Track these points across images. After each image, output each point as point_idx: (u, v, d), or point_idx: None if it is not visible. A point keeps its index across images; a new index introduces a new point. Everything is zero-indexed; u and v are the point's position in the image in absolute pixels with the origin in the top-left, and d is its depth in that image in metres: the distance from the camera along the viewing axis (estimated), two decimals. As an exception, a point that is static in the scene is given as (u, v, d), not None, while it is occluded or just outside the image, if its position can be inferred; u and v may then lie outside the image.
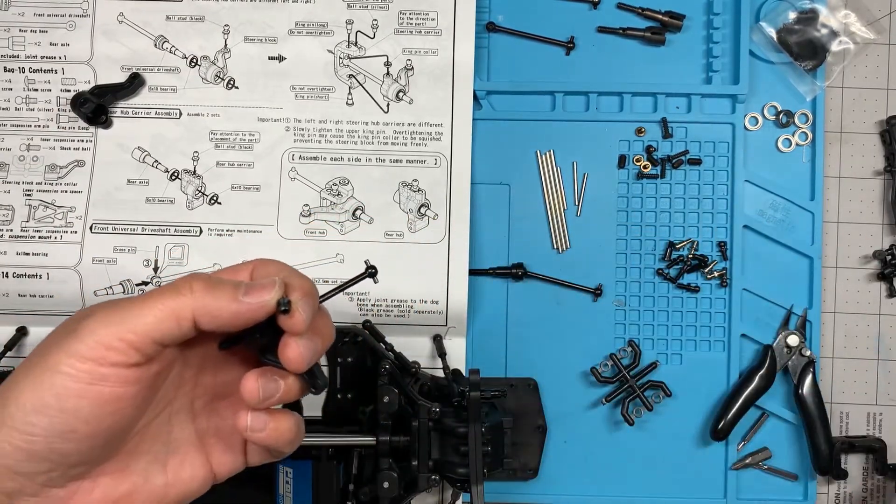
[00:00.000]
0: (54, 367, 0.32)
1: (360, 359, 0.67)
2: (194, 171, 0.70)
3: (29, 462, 0.32)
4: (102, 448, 0.34)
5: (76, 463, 0.33)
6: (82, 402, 0.32)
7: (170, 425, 0.37)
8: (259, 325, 0.35)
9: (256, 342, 0.35)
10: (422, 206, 0.69)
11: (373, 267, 0.41)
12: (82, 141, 0.70)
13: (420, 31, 0.71)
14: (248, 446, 0.39)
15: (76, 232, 0.69)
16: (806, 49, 0.71)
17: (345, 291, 0.38)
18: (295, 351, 0.34)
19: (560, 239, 0.72)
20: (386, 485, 0.59)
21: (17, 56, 0.71)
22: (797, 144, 0.72)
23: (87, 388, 0.32)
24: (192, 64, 0.71)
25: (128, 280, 0.69)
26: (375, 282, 0.68)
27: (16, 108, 0.70)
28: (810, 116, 0.72)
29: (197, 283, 0.33)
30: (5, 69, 0.71)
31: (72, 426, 0.32)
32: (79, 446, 0.32)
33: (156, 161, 0.70)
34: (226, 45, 0.71)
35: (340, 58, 0.71)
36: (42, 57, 0.71)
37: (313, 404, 0.68)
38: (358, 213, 0.69)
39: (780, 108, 0.72)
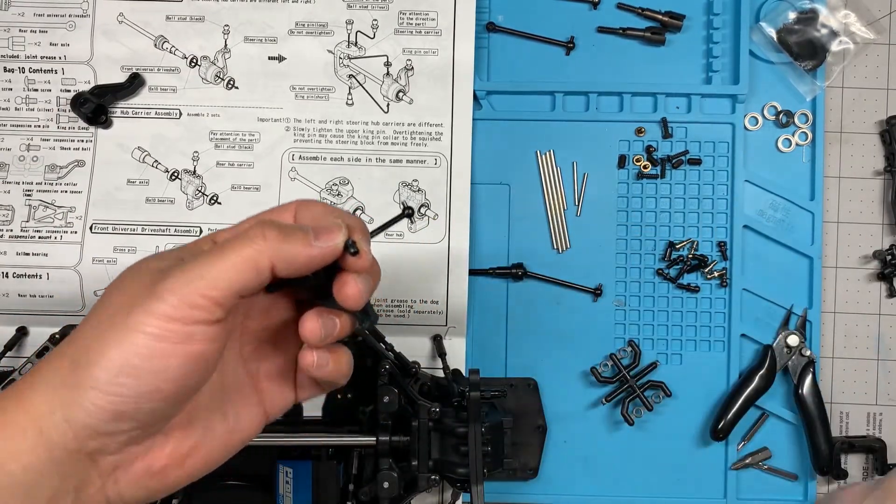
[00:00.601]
0: (138, 327, 0.31)
1: (360, 359, 0.67)
2: (194, 172, 0.70)
3: (114, 422, 0.32)
4: (181, 404, 0.34)
5: (157, 420, 0.33)
6: (170, 362, 0.31)
7: (224, 374, 0.37)
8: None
9: (308, 284, 0.36)
10: (422, 206, 0.69)
11: (409, 208, 0.41)
12: (82, 141, 0.70)
13: (420, 31, 0.71)
14: (298, 383, 0.40)
15: (76, 232, 0.69)
16: (806, 49, 0.71)
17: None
18: (354, 289, 0.35)
19: (560, 239, 0.72)
20: (386, 485, 0.59)
21: (17, 56, 0.71)
22: (797, 144, 0.72)
23: (175, 347, 0.31)
24: (192, 64, 0.71)
25: (128, 280, 0.69)
26: (412, 222, 0.68)
27: (16, 108, 0.70)
28: (810, 116, 0.72)
29: (269, 229, 0.33)
30: (5, 69, 0.71)
31: (158, 386, 0.32)
32: (163, 405, 0.33)
33: (156, 161, 0.70)
34: (226, 45, 0.71)
35: (340, 58, 0.71)
36: (42, 57, 0.71)
37: (313, 404, 0.68)
38: (358, 213, 0.69)
39: (780, 108, 0.72)
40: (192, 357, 0.32)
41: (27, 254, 0.69)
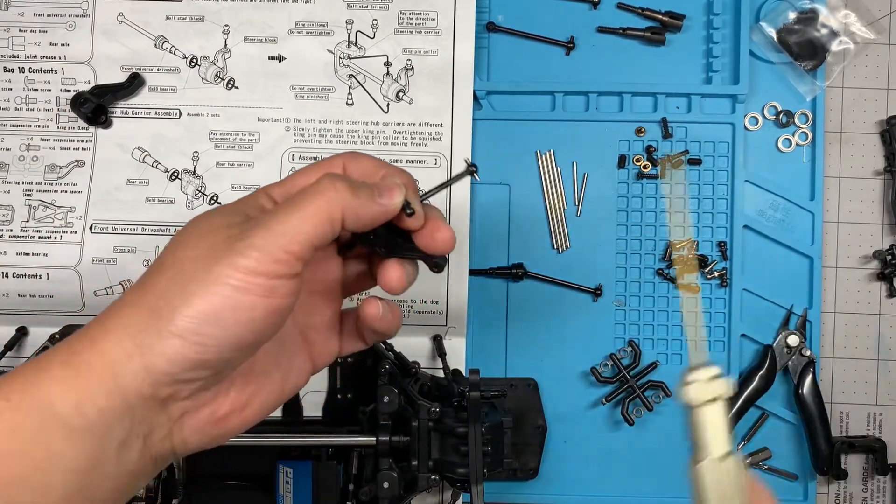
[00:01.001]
0: (223, 279, 0.32)
1: (360, 359, 0.67)
2: (194, 171, 0.70)
3: (193, 370, 0.32)
4: (253, 354, 0.35)
5: (230, 369, 0.34)
6: (255, 314, 0.32)
7: None
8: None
9: (375, 240, 0.37)
10: (422, 206, 0.69)
11: (473, 164, 0.42)
12: (82, 141, 0.70)
13: (420, 31, 0.71)
14: (343, 336, 0.42)
15: (76, 232, 0.69)
16: (806, 49, 0.71)
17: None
18: (447, 232, 0.38)
19: (560, 239, 0.72)
20: (386, 485, 0.59)
21: (17, 56, 0.71)
22: (797, 144, 0.72)
23: (258, 300, 0.32)
24: (192, 64, 0.71)
25: (128, 280, 0.69)
26: (475, 179, 0.68)
27: (16, 108, 0.70)
28: (810, 116, 0.72)
29: (340, 182, 0.34)
30: (5, 69, 0.71)
31: (242, 337, 0.33)
32: (240, 354, 0.34)
33: (156, 161, 0.70)
34: (226, 45, 0.71)
35: (340, 58, 0.71)
36: (42, 57, 0.71)
37: (313, 404, 0.68)
38: (358, 213, 0.69)
39: (780, 108, 0.72)
40: (273, 309, 0.33)
41: (27, 254, 0.69)
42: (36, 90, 0.71)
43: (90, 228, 0.69)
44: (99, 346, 0.32)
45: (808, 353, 0.70)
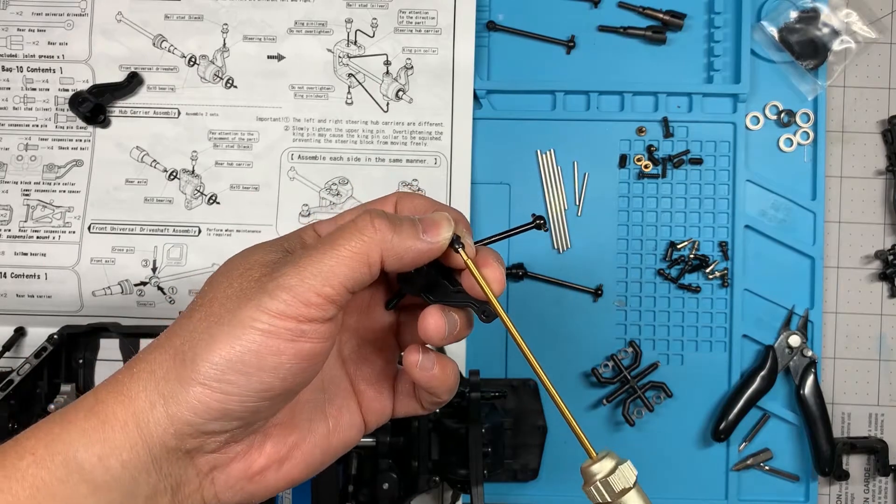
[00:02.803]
0: (249, 323, 0.30)
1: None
2: (193, 171, 0.70)
3: (218, 420, 0.30)
4: (286, 403, 0.33)
5: (260, 419, 0.32)
6: (282, 360, 0.30)
7: (325, 373, 0.36)
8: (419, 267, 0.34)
9: (420, 282, 0.35)
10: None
11: (541, 217, 0.39)
12: (80, 140, 0.70)
13: (420, 30, 0.70)
14: (397, 394, 0.38)
15: (74, 232, 0.69)
16: (807, 48, 0.71)
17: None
18: (498, 272, 0.34)
19: (560, 239, 0.72)
20: (386, 486, 0.58)
21: (16, 55, 0.70)
22: (798, 144, 0.72)
23: (286, 345, 0.30)
24: (191, 63, 0.70)
25: (126, 280, 0.69)
26: (545, 230, 0.67)
27: (14, 108, 0.70)
28: (812, 116, 0.72)
29: (379, 219, 0.32)
30: (3, 68, 0.70)
31: (269, 384, 0.30)
32: (269, 403, 0.31)
33: (154, 161, 0.70)
34: (224, 44, 0.70)
35: (340, 57, 0.70)
36: (40, 56, 0.70)
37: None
38: (357, 212, 0.69)
39: (781, 108, 0.72)
40: (303, 355, 0.31)
41: (25, 254, 0.69)
42: (34, 89, 0.70)
43: (88, 228, 0.69)
44: (124, 394, 0.30)
45: (810, 353, 0.70)
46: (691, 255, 0.71)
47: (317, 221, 0.35)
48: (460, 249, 0.33)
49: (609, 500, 0.32)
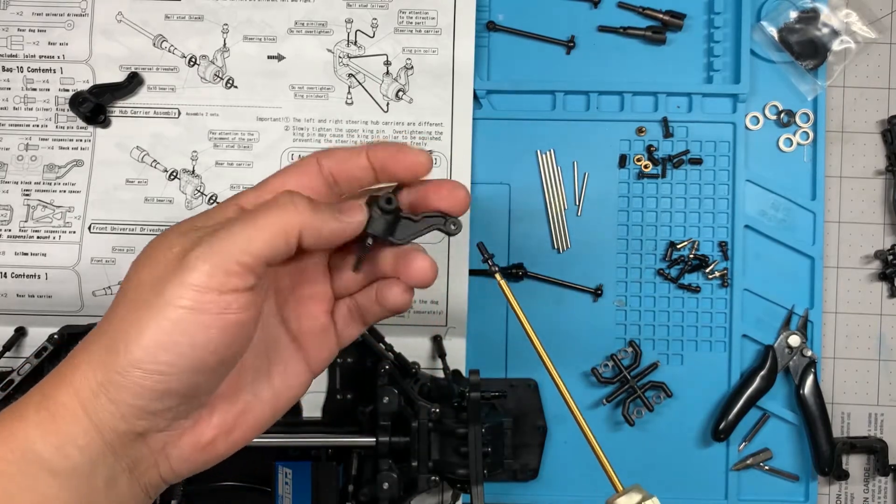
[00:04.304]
0: (174, 301, 0.30)
1: (360, 359, 0.66)
2: (193, 171, 0.70)
3: (161, 400, 0.31)
4: (224, 375, 0.34)
5: (201, 393, 0.33)
6: (211, 333, 0.31)
7: (265, 337, 0.37)
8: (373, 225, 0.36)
9: (382, 229, 0.36)
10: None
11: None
12: (81, 140, 0.70)
13: (420, 30, 0.70)
14: (338, 329, 0.40)
15: (75, 232, 0.69)
16: (807, 48, 0.71)
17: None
18: (461, 190, 0.37)
19: (560, 239, 0.72)
20: (386, 486, 0.58)
21: (16, 55, 0.70)
22: (798, 144, 0.72)
23: (214, 318, 0.31)
24: (191, 63, 0.70)
25: (126, 280, 0.69)
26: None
27: (14, 108, 0.70)
28: (811, 116, 0.72)
29: (300, 199, 0.33)
30: (4, 68, 0.70)
31: (202, 359, 0.31)
32: (206, 377, 0.32)
33: (154, 161, 0.70)
34: (225, 44, 0.70)
35: (340, 57, 0.70)
36: (40, 56, 0.70)
37: (313, 404, 0.68)
38: (357, 212, 0.69)
39: (781, 108, 0.72)
40: (230, 326, 0.31)
41: (26, 254, 0.69)
42: (34, 90, 0.70)
43: (89, 228, 0.69)
44: (69, 384, 0.31)
45: (810, 353, 0.70)
46: (691, 255, 0.71)
47: (240, 192, 0.36)
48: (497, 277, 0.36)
49: None
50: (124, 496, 0.33)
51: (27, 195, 0.69)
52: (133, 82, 0.70)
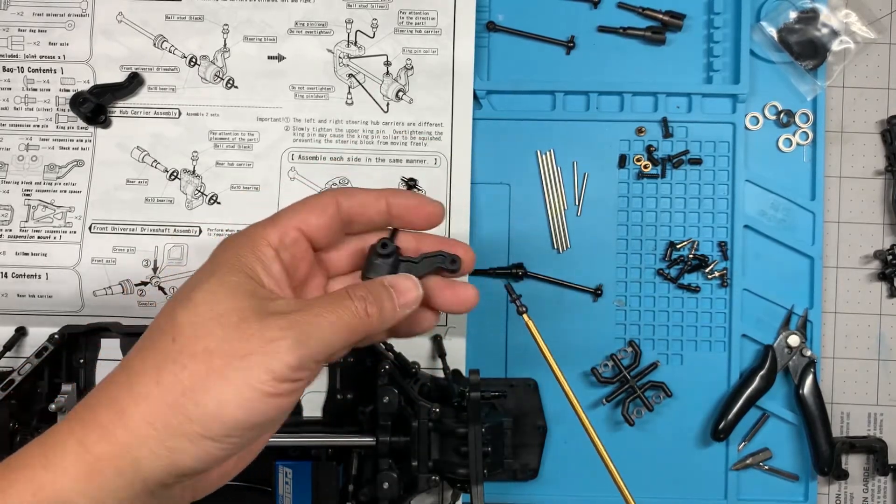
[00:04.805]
0: (257, 385, 0.31)
1: (360, 359, 0.66)
2: (194, 171, 0.70)
3: (220, 461, 0.33)
4: None
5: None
6: (281, 410, 0.33)
7: None
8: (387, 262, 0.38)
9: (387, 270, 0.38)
10: (422, 205, 0.69)
11: (412, 180, 0.42)
12: (81, 141, 0.70)
13: (420, 31, 0.70)
14: None
15: (75, 232, 0.69)
16: (807, 48, 0.71)
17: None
18: (468, 253, 0.40)
19: (560, 239, 0.72)
20: (386, 485, 0.59)
21: (16, 56, 0.71)
22: (798, 144, 0.72)
23: (286, 400, 0.33)
24: (192, 63, 0.70)
25: (127, 280, 0.69)
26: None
27: (15, 108, 0.70)
28: (811, 116, 0.72)
29: (372, 307, 0.35)
30: (4, 69, 0.70)
31: (263, 430, 0.34)
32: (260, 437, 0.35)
33: (155, 161, 0.70)
34: (225, 44, 0.70)
35: (340, 57, 0.70)
36: (41, 56, 0.70)
37: (313, 404, 0.68)
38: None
39: (780, 108, 0.72)
40: (290, 405, 0.34)
41: (26, 254, 0.69)
42: (35, 90, 0.70)
43: (89, 228, 0.69)
44: (115, 440, 0.31)
45: (809, 353, 0.70)
46: (691, 255, 0.71)
47: (260, 228, 0.36)
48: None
49: None
50: None
51: (28, 195, 0.70)
52: (133, 82, 0.70)
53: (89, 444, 0.31)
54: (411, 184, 0.42)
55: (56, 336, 0.64)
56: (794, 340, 0.70)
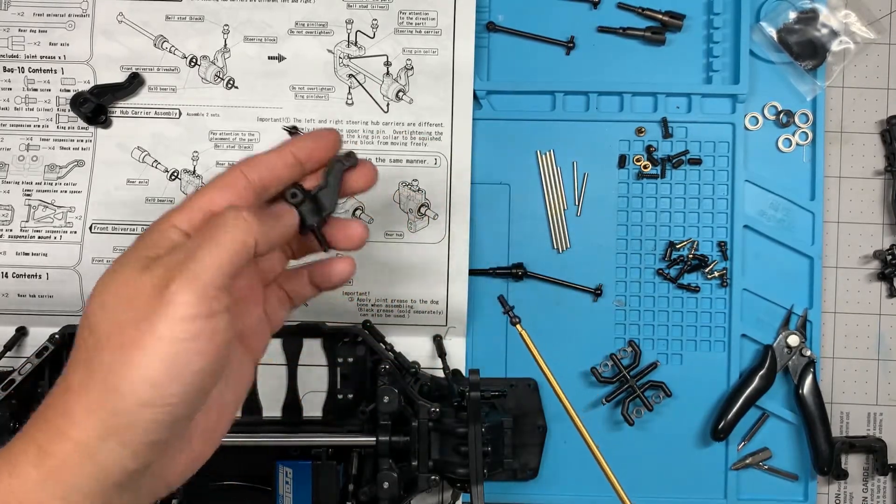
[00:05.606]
0: (169, 335, 0.32)
1: (360, 359, 0.67)
2: (194, 171, 0.70)
3: (170, 429, 0.33)
4: (211, 390, 0.36)
5: (198, 411, 0.35)
6: (208, 357, 0.33)
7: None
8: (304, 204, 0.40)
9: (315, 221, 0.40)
10: (422, 206, 0.69)
11: (294, 128, 0.44)
12: (82, 141, 0.70)
13: (420, 31, 0.70)
14: (270, 316, 0.42)
15: (76, 232, 0.69)
16: (806, 49, 0.71)
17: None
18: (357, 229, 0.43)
19: (560, 239, 0.72)
20: (386, 485, 0.59)
21: (17, 56, 0.71)
22: (797, 144, 0.72)
23: (208, 342, 0.33)
24: (192, 64, 0.70)
25: (127, 280, 0.69)
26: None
27: (15, 108, 0.70)
28: (810, 116, 0.72)
29: (248, 214, 0.35)
30: (5, 69, 0.70)
31: (202, 382, 0.33)
32: (205, 396, 0.34)
33: (155, 161, 0.70)
34: (225, 44, 0.71)
35: (340, 57, 0.71)
36: (42, 57, 0.71)
37: (313, 405, 0.68)
38: (358, 213, 0.69)
39: (780, 108, 0.72)
40: (221, 346, 0.33)
41: (27, 254, 0.69)
42: (35, 90, 0.70)
43: (90, 228, 0.69)
44: (68, 437, 0.32)
45: (809, 353, 0.70)
46: (690, 255, 0.71)
47: (167, 214, 0.36)
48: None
49: None
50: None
51: (28, 195, 0.70)
52: (134, 83, 0.70)
53: (48, 448, 0.32)
54: (294, 131, 0.47)
55: (56, 336, 0.64)
56: (793, 340, 0.70)
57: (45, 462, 0.32)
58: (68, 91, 0.70)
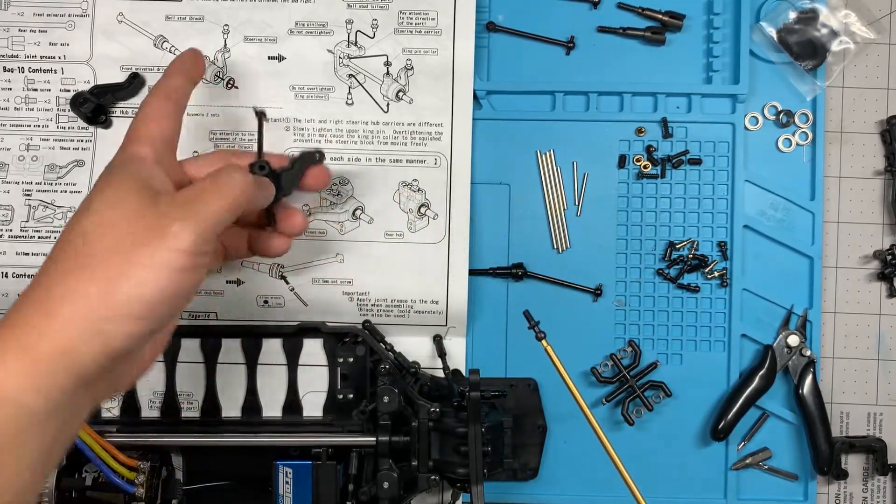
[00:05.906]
0: (169, 264, 0.38)
1: (360, 359, 0.67)
2: (194, 171, 0.70)
3: (146, 338, 0.38)
4: None
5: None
6: (194, 286, 0.40)
7: None
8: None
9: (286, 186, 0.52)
10: (422, 205, 0.69)
11: (262, 112, 0.53)
12: (82, 141, 0.70)
13: (420, 31, 0.70)
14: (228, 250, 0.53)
15: (76, 232, 0.69)
16: (806, 49, 0.71)
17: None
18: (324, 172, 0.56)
19: (560, 239, 0.72)
20: (386, 485, 0.59)
21: (17, 56, 0.71)
22: (797, 144, 0.72)
23: (198, 275, 0.39)
24: (192, 64, 0.70)
25: (127, 280, 0.69)
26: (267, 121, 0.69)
27: (15, 108, 0.70)
28: (810, 116, 0.72)
29: (246, 174, 0.44)
30: (4, 69, 0.70)
31: (181, 306, 0.40)
32: (177, 317, 0.42)
33: (155, 161, 0.70)
34: (225, 44, 0.71)
35: (340, 57, 0.71)
36: (41, 57, 0.71)
37: (313, 404, 0.68)
38: (358, 213, 0.69)
39: (780, 108, 0.72)
40: (203, 278, 0.41)
41: (27, 254, 0.69)
42: (35, 90, 0.71)
43: (90, 228, 0.69)
44: (51, 337, 0.35)
45: (809, 353, 0.70)
46: (690, 255, 0.71)
47: (136, 139, 0.45)
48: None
49: None
50: (82, 414, 0.38)
51: (28, 195, 0.70)
52: (134, 83, 0.70)
53: (29, 345, 0.35)
54: (262, 115, 0.54)
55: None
56: (793, 340, 0.70)
57: (26, 358, 0.35)
58: (68, 91, 0.70)
